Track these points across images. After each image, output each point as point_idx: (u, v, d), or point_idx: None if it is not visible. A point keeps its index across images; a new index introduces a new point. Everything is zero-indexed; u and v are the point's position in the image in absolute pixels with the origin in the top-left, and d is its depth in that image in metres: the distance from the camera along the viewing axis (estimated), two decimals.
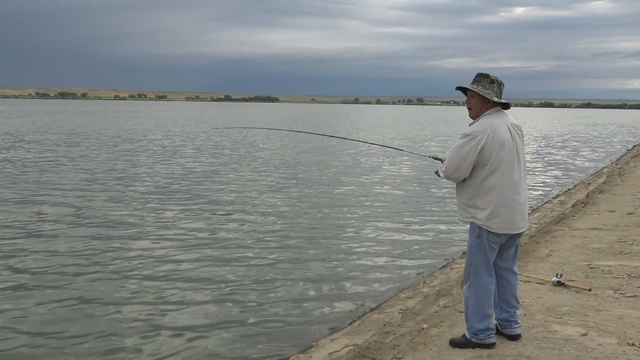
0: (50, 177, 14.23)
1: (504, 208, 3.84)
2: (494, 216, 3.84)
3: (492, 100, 3.91)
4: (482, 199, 3.88)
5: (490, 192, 3.85)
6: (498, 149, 3.81)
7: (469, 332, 4.09)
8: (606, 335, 4.32)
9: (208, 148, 23.72)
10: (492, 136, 3.80)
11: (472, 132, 3.85)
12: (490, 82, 3.92)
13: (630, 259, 6.50)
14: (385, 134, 37.49)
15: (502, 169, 3.84)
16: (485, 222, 3.87)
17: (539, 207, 11.49)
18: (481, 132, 3.82)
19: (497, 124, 3.86)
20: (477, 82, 3.95)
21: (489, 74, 3.95)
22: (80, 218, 9.66)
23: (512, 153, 3.88)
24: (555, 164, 20.45)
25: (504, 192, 3.84)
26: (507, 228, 3.88)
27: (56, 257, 7.39)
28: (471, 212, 3.94)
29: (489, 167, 3.83)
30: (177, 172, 15.75)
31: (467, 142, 3.83)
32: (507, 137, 3.85)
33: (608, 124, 69.27)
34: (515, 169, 3.90)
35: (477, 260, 3.96)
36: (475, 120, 3.97)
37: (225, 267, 7.09)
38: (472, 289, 4.00)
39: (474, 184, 3.90)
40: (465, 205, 3.98)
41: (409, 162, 19.51)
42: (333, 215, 10.34)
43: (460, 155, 3.85)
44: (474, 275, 3.98)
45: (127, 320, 5.44)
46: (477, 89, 3.92)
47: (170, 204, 11.02)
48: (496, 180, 3.84)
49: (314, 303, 5.98)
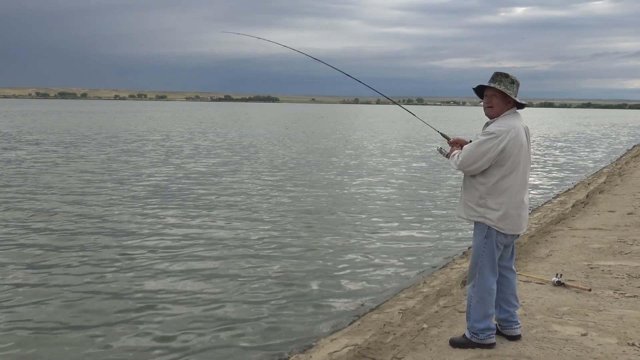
0: (46, 176, 14.23)
1: (514, 209, 3.87)
2: (505, 217, 3.86)
3: (512, 100, 3.91)
4: (494, 199, 3.87)
5: (504, 193, 3.86)
6: (517, 151, 3.84)
7: (469, 332, 4.10)
8: (606, 335, 4.32)
9: (208, 147, 23.73)
10: (515, 138, 3.82)
11: (495, 131, 3.83)
12: (510, 82, 3.92)
13: (630, 259, 6.50)
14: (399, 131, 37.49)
15: (518, 171, 3.86)
16: (497, 223, 3.87)
17: (539, 207, 11.49)
18: (504, 132, 3.82)
19: (518, 126, 3.88)
20: (498, 82, 3.93)
21: (508, 73, 3.94)
22: (81, 217, 9.66)
23: (527, 156, 3.93)
24: (555, 164, 20.45)
25: (517, 194, 3.87)
26: (515, 229, 3.92)
27: (56, 257, 7.40)
28: (480, 211, 3.93)
29: (506, 168, 3.84)
30: (179, 171, 15.75)
31: (490, 139, 3.81)
32: (524, 140, 3.90)
33: (608, 124, 69.25)
34: (528, 172, 3.96)
35: (483, 261, 3.96)
36: (494, 120, 3.94)
37: (224, 267, 7.09)
38: (477, 288, 4.00)
39: (488, 184, 3.88)
40: (474, 204, 3.96)
41: (409, 163, 19.52)
42: (332, 215, 10.34)
43: (480, 151, 3.83)
44: (479, 275, 3.98)
45: (121, 321, 5.42)
46: (500, 87, 3.90)
47: (169, 204, 11.01)
48: (511, 181, 3.85)
49: (313, 303, 5.97)
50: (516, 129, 3.85)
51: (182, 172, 15.87)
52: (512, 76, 3.93)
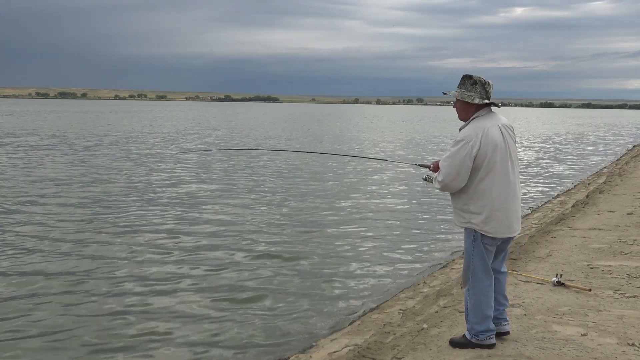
0: (41, 176, 14.23)
1: (499, 211, 3.81)
2: (489, 220, 3.81)
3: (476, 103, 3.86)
4: (476, 203, 3.83)
5: (484, 196, 3.80)
6: (491, 152, 3.76)
7: (469, 333, 4.09)
8: (606, 336, 4.31)
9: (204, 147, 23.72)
10: (485, 139, 3.75)
11: (464, 137, 3.80)
12: (472, 84, 3.87)
13: (630, 259, 6.49)
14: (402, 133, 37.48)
15: (495, 171, 3.79)
16: (482, 227, 3.83)
17: (539, 207, 11.49)
18: (473, 136, 3.76)
19: (488, 126, 3.81)
20: (460, 85, 3.92)
21: (473, 74, 3.90)
22: (84, 216, 9.67)
23: (505, 155, 3.82)
24: (555, 164, 20.45)
25: (499, 195, 3.80)
26: (504, 232, 3.85)
27: (56, 257, 7.40)
28: (466, 217, 3.90)
29: (482, 171, 3.78)
30: (183, 174, 15.75)
31: (462, 147, 3.77)
32: (499, 139, 3.80)
33: (608, 124, 69.25)
34: (510, 170, 3.85)
35: (474, 264, 3.94)
36: (466, 124, 3.92)
37: (224, 269, 7.08)
38: (472, 291, 3.99)
39: (468, 189, 3.84)
40: (460, 210, 3.95)
41: (410, 165, 19.50)
42: (332, 215, 10.33)
43: (457, 162, 3.77)
44: (472, 278, 3.97)
45: (119, 325, 5.41)
46: (458, 92, 3.90)
47: (168, 203, 11.02)
48: (490, 183, 3.79)
49: (313, 303, 5.97)
50: (485, 130, 3.78)
51: (189, 172, 15.86)
52: (477, 77, 3.88)
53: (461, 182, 3.82)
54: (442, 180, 3.86)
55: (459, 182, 3.82)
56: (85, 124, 42.68)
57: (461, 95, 3.88)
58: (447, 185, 3.86)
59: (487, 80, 3.88)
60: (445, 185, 3.87)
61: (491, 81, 3.91)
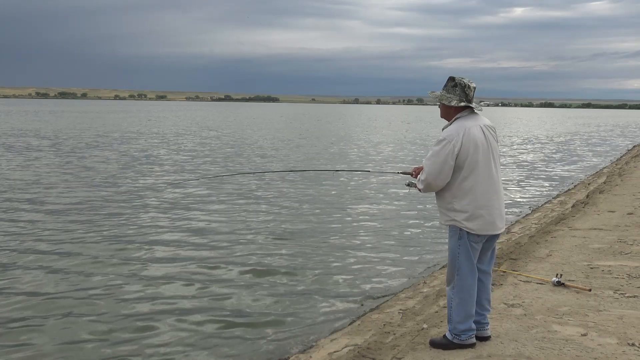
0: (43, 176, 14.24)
1: (483, 209, 3.87)
2: (473, 218, 3.87)
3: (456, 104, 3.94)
4: (459, 201, 3.90)
5: (467, 195, 3.87)
6: (473, 151, 3.84)
7: (450, 333, 4.11)
8: (606, 336, 4.32)
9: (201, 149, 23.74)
10: (466, 138, 3.83)
11: (446, 137, 3.88)
12: (453, 86, 3.96)
13: (630, 259, 6.50)
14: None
15: (478, 170, 3.86)
16: (467, 225, 3.89)
17: (539, 207, 11.48)
18: (454, 135, 3.85)
19: (470, 126, 3.89)
20: (444, 86, 4.02)
21: (456, 77, 3.98)
22: (83, 216, 9.67)
23: (487, 154, 3.91)
24: (555, 164, 20.45)
25: (482, 193, 3.87)
26: (487, 229, 3.92)
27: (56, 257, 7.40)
28: (451, 215, 3.96)
29: (465, 170, 3.86)
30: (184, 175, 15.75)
31: (444, 146, 3.85)
32: (480, 139, 3.88)
33: (608, 124, 69.25)
34: (493, 169, 3.93)
35: (460, 262, 3.98)
36: (449, 124, 4.01)
37: (224, 269, 7.08)
38: (456, 289, 4.01)
39: (452, 187, 3.92)
40: (444, 208, 4.01)
41: (411, 164, 19.49)
42: (332, 216, 10.33)
43: (439, 160, 3.85)
44: (457, 276, 4.00)
45: (121, 328, 5.40)
46: (440, 93, 3.98)
47: (160, 207, 11.02)
48: (473, 182, 3.86)
49: (313, 303, 5.97)
50: (466, 129, 3.85)
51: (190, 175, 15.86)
52: (459, 79, 3.95)
53: (444, 181, 3.90)
54: (425, 179, 3.95)
55: (441, 180, 3.90)
56: (83, 124, 42.69)
57: (440, 97, 3.99)
58: (430, 184, 3.95)
59: (468, 83, 3.94)
60: (428, 184, 3.96)
61: (473, 84, 3.97)
